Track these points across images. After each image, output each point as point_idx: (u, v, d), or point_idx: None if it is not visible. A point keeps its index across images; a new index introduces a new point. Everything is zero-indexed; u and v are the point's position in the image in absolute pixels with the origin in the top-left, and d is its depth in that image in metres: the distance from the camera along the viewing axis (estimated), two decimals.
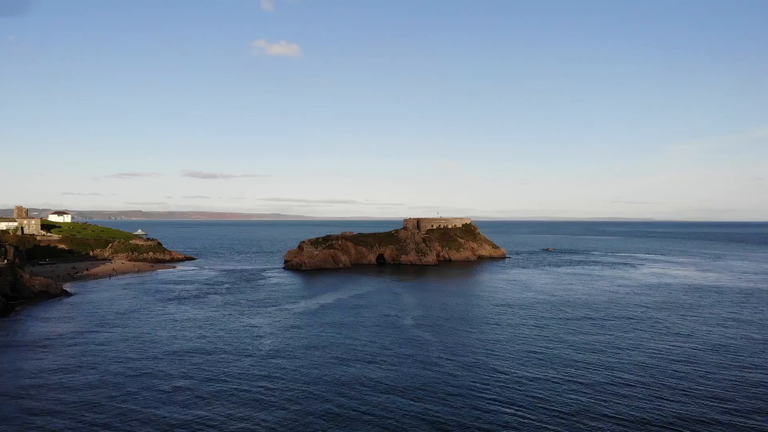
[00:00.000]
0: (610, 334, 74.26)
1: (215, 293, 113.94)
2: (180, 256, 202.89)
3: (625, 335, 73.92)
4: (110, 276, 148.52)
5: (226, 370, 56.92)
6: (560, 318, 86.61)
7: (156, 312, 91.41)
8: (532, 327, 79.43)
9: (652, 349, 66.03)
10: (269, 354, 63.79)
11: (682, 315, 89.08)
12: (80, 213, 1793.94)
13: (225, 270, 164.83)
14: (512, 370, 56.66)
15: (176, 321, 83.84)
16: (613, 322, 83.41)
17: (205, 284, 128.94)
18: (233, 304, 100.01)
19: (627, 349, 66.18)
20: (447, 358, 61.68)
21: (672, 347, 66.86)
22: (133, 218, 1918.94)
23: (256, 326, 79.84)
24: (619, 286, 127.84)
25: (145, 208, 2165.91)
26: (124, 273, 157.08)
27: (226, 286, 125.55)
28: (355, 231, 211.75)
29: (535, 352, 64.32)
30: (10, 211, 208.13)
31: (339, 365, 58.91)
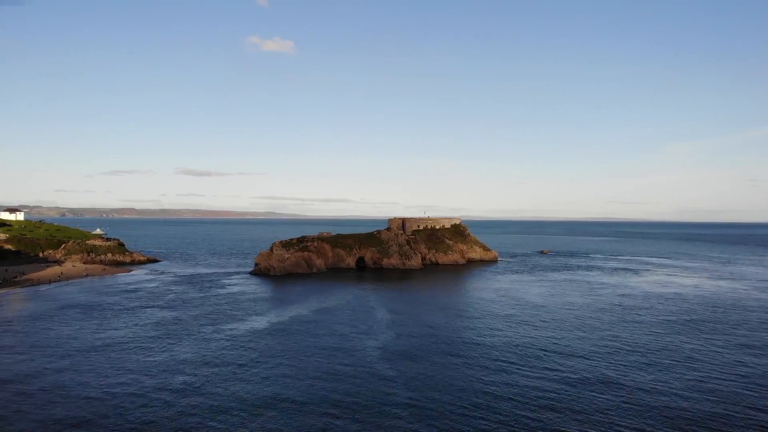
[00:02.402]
0: (625, 371, 57.63)
1: (155, 306, 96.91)
2: (142, 258, 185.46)
3: (645, 375, 57.23)
4: (51, 282, 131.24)
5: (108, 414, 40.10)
6: (558, 343, 69.89)
7: (64, 332, 74.34)
8: (522, 356, 62.77)
9: (687, 394, 49.51)
10: (176, 396, 47.00)
11: (710, 338, 72.58)
12: (72, 210, 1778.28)
13: (184, 275, 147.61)
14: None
15: (83, 343, 66.84)
16: (625, 351, 66.78)
17: (152, 293, 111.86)
18: (166, 321, 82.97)
19: (654, 398, 49.58)
20: (411, 407, 45.01)
21: (718, 388, 50.35)
22: (125, 216, 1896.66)
23: (176, 354, 62.88)
24: (625, 297, 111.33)
25: (138, 206, 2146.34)
26: (70, 278, 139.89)
27: (172, 296, 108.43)
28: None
29: (526, 397, 47.70)
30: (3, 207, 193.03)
31: (264, 413, 42.24)
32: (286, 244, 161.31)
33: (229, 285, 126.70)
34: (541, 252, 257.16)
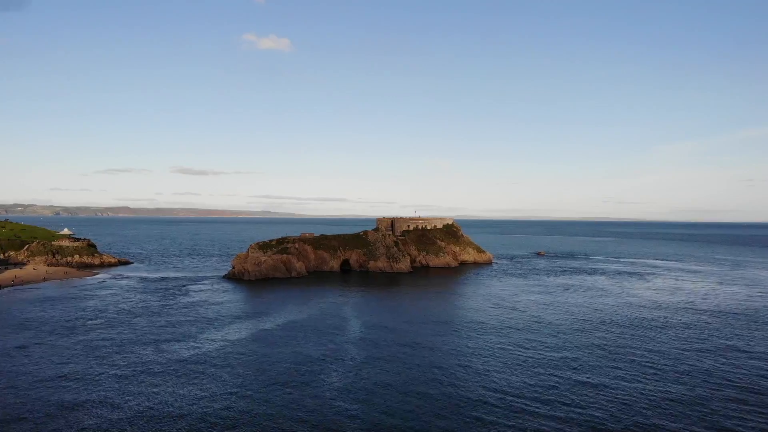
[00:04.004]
0: (650, 401, 46.17)
1: (100, 317, 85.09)
2: (112, 260, 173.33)
3: (671, 404, 45.74)
4: (1, 287, 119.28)
5: None
6: (555, 369, 58.39)
7: None
8: (512, 389, 51.25)
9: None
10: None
11: (736, 358, 61.14)
12: (66, 209, 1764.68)
13: (151, 279, 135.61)
14: None
15: None
16: (643, 375, 55.29)
17: (104, 302, 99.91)
18: (103, 338, 71.17)
19: None
20: None
21: None
22: (120, 215, 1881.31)
23: (93, 381, 51.13)
24: (632, 306, 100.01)
25: (133, 205, 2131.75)
26: (26, 282, 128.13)
27: (125, 305, 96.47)
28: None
29: None
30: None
31: None
32: (264, 246, 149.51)
33: (194, 292, 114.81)
34: (538, 253, 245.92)
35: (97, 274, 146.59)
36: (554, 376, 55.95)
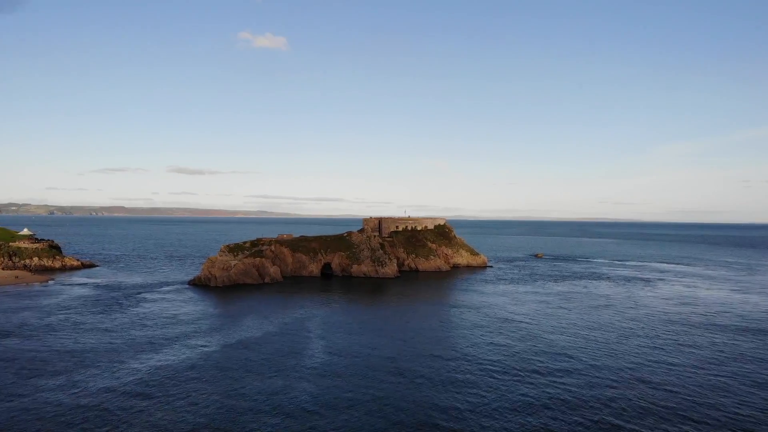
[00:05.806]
0: None
1: (21, 335, 71.87)
2: (75, 263, 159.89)
3: None
4: None
5: None
6: (555, 399, 45.31)
7: None
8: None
9: None
10: None
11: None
12: (61, 208, 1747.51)
13: (108, 285, 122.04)
14: None
15: None
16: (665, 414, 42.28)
17: (41, 312, 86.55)
18: (11, 364, 57.97)
19: None
20: None
21: None
22: (115, 214, 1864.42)
23: None
24: (641, 319, 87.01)
25: (129, 204, 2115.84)
26: None
27: (61, 317, 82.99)
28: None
29: None
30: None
31: None
32: (235, 248, 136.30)
33: (148, 302, 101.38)
34: (535, 255, 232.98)
35: (52, 279, 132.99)
36: (563, 416, 42.88)
